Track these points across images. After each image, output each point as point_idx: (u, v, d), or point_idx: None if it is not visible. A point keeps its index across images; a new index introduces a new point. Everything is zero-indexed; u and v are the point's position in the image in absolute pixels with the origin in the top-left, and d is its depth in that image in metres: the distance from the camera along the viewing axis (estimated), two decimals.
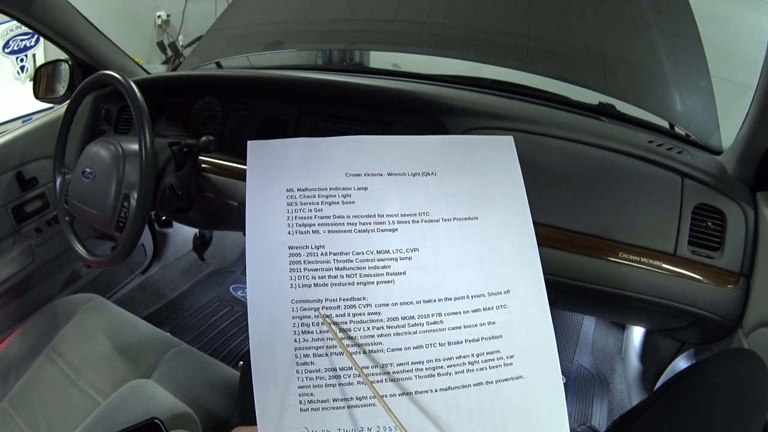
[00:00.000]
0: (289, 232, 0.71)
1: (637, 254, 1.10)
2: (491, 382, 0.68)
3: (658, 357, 1.68)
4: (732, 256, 1.08)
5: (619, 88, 1.52)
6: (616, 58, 1.61)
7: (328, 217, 0.72)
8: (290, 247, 0.70)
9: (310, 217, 0.72)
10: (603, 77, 1.55)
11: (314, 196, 0.73)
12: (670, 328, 1.29)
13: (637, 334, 1.99)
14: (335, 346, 0.66)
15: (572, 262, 1.13)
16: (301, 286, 0.68)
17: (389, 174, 0.77)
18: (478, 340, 0.70)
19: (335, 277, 0.69)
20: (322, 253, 0.70)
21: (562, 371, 2.06)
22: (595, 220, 1.13)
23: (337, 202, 0.73)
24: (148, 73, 1.93)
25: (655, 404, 0.85)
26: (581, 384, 2.05)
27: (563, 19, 1.72)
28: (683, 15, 1.57)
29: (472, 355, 0.69)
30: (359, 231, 0.72)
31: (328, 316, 0.68)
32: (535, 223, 1.11)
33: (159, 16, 4.52)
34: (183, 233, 2.57)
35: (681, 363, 1.43)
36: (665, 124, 1.43)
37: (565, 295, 1.24)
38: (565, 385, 2.03)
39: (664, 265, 1.09)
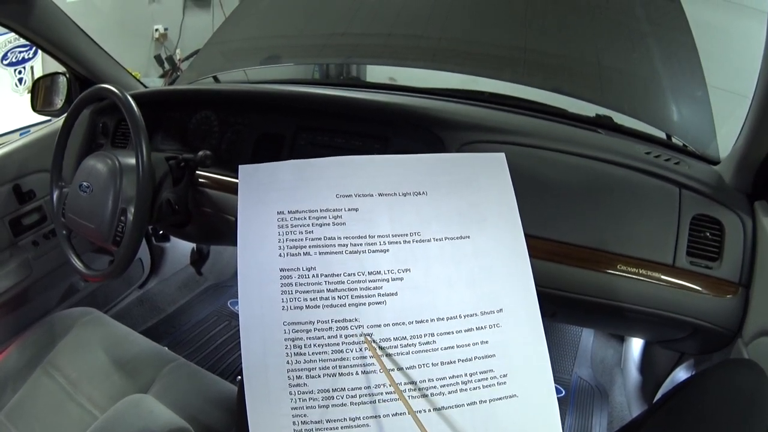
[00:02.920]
0: (280, 255, 0.71)
1: (635, 266, 1.10)
2: (485, 402, 0.68)
3: (657, 368, 1.67)
4: (731, 266, 1.08)
5: (616, 99, 1.52)
6: (612, 70, 1.61)
7: (319, 239, 0.72)
8: (282, 270, 0.70)
9: (301, 239, 0.72)
10: (599, 89, 1.56)
11: (305, 218, 0.73)
12: (670, 339, 1.28)
13: (636, 345, 1.99)
14: (327, 368, 0.66)
15: (571, 275, 1.13)
16: (293, 308, 0.68)
17: (380, 194, 0.77)
18: (471, 360, 0.70)
19: (327, 298, 0.69)
20: (313, 275, 0.70)
21: (561, 384, 2.05)
22: (593, 232, 1.13)
23: (328, 224, 0.73)
24: (146, 87, 1.93)
25: (655, 416, 0.84)
26: (580, 396, 2.05)
27: (559, 32, 1.73)
28: (679, 25, 1.58)
29: (466, 374, 0.69)
30: (350, 252, 0.72)
31: (319, 338, 0.68)
32: (533, 237, 1.12)
33: (156, 30, 4.54)
34: (180, 248, 2.56)
35: (681, 374, 1.42)
36: (662, 135, 1.43)
37: (564, 308, 1.23)
38: (565, 397, 2.03)
39: (663, 277, 1.09)
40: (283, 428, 0.64)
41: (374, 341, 0.69)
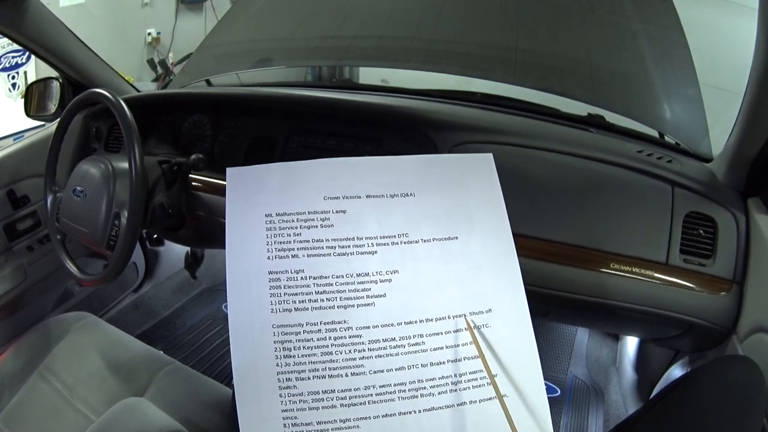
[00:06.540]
0: (268, 258, 0.71)
1: (629, 264, 1.10)
2: (475, 402, 0.68)
3: (652, 366, 1.67)
4: (724, 263, 1.08)
5: (608, 98, 1.52)
6: (604, 69, 1.61)
7: (307, 241, 0.73)
8: (270, 272, 0.70)
9: (290, 242, 0.72)
10: (591, 88, 1.56)
11: (293, 221, 0.73)
12: (665, 337, 1.29)
13: (631, 343, 1.99)
14: (317, 370, 0.67)
15: (564, 274, 1.13)
16: (281, 310, 0.69)
17: (368, 196, 0.77)
18: (460, 360, 0.70)
19: (315, 301, 0.70)
20: (302, 278, 0.70)
21: (556, 383, 2.05)
22: (586, 231, 1.13)
23: (316, 226, 0.74)
24: (138, 91, 1.92)
25: (651, 413, 0.85)
26: (576, 395, 2.05)
27: (550, 31, 1.73)
28: (670, 23, 1.58)
29: (455, 375, 0.69)
30: (338, 254, 0.73)
31: (308, 340, 0.68)
32: (525, 236, 1.12)
33: (149, 34, 4.54)
34: (175, 251, 2.57)
35: (676, 371, 1.43)
36: (655, 133, 1.43)
37: (558, 307, 1.23)
38: (560, 396, 2.03)
39: (657, 275, 1.09)
40: (275, 431, 0.64)
41: (366, 341, 0.69)
